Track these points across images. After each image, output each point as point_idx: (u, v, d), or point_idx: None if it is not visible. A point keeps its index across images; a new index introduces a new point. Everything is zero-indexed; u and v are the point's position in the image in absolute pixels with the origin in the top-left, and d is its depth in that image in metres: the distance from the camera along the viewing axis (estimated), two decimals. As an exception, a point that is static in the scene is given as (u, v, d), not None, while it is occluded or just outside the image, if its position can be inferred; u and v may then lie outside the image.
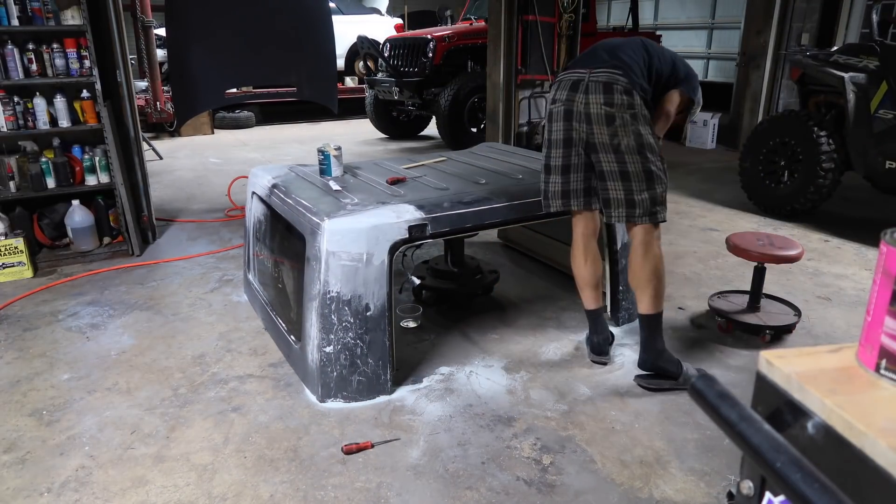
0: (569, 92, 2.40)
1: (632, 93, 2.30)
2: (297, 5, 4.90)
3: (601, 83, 2.32)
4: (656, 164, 2.35)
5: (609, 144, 2.33)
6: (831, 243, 4.22)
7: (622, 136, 2.31)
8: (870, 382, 0.71)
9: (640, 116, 2.31)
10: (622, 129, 2.30)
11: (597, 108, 2.32)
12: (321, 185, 2.78)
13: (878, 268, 0.71)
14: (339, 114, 6.37)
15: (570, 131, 2.42)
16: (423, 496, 1.93)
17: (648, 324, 2.48)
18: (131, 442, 2.19)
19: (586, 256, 2.59)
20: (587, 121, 2.35)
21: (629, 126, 2.29)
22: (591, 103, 2.33)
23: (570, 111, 2.40)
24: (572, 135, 2.42)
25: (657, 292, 2.44)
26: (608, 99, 2.30)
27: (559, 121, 2.44)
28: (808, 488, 0.54)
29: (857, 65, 4.22)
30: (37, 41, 3.66)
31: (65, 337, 2.95)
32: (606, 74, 2.32)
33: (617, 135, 2.31)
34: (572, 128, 2.41)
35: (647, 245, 2.41)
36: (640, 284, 2.44)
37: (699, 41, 11.57)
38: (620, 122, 2.30)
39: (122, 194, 3.90)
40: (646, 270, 2.42)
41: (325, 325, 2.33)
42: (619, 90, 2.29)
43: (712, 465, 2.06)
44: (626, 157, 2.32)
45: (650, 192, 2.35)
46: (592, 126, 2.35)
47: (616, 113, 2.30)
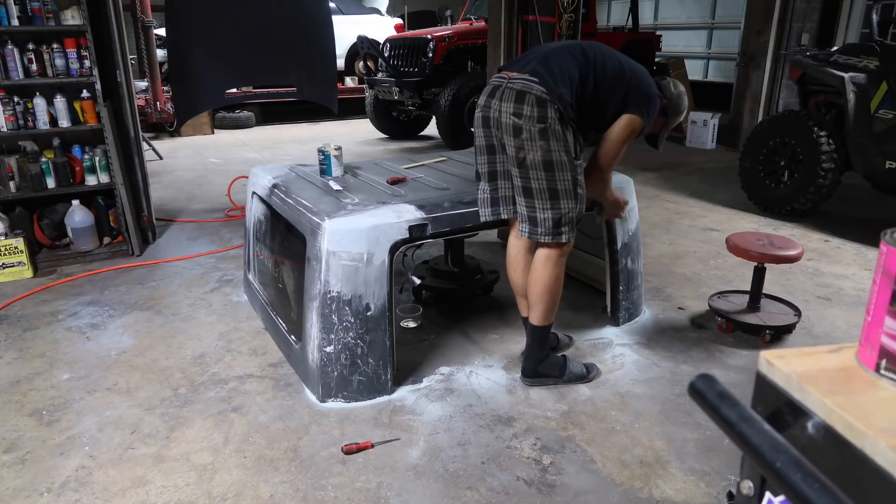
0: (487, 98, 2.29)
1: (545, 104, 2.13)
2: (297, 5, 4.90)
3: (515, 91, 2.18)
4: (565, 182, 2.21)
5: (515, 157, 2.22)
6: (831, 243, 4.22)
7: (528, 150, 2.18)
8: (870, 382, 0.71)
9: (553, 132, 2.15)
10: (529, 142, 2.16)
11: (506, 118, 2.20)
12: (321, 185, 2.78)
13: (878, 268, 0.71)
14: (339, 114, 6.37)
15: (490, 138, 2.32)
16: (423, 496, 1.93)
17: (535, 334, 2.45)
18: (131, 442, 2.19)
19: (517, 265, 2.49)
20: (499, 128, 2.25)
21: (536, 141, 2.15)
22: (502, 111, 2.21)
23: (486, 118, 2.29)
24: (493, 141, 2.32)
25: (549, 307, 2.39)
26: (517, 109, 2.16)
27: (479, 127, 2.35)
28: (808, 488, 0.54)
29: (857, 65, 4.22)
30: (37, 41, 3.66)
31: (65, 337, 2.95)
32: (522, 82, 2.18)
33: (523, 148, 2.18)
34: (491, 135, 2.31)
35: (547, 261, 2.34)
36: (532, 298, 2.39)
37: (699, 41, 11.58)
38: (527, 136, 2.16)
39: (122, 194, 3.90)
40: (540, 286, 2.35)
41: (326, 324, 2.33)
42: (530, 100, 2.14)
43: (712, 465, 2.06)
44: (531, 173, 2.21)
45: (553, 210, 2.24)
46: (503, 135, 2.24)
47: (523, 125, 2.16)
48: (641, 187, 5.43)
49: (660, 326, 3.03)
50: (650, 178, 6.10)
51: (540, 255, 2.36)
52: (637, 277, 3.06)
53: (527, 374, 2.52)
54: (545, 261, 2.35)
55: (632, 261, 3.00)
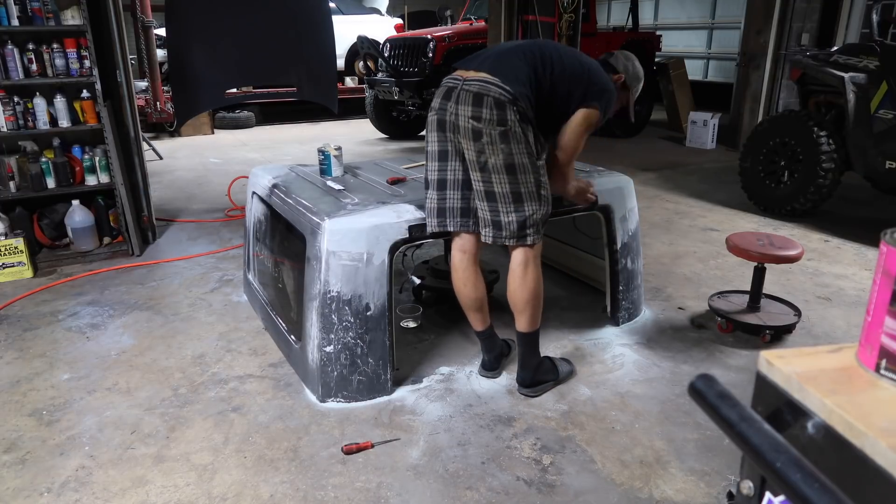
0: (442, 100, 2.21)
1: (504, 106, 2.08)
2: (297, 5, 4.90)
3: (472, 94, 2.11)
4: (528, 185, 2.17)
5: (476, 161, 2.16)
6: (831, 243, 4.22)
7: (489, 153, 2.12)
8: (870, 382, 0.71)
9: (513, 134, 2.10)
10: (489, 146, 2.11)
11: (464, 121, 2.12)
12: (321, 185, 2.79)
13: (878, 268, 0.71)
14: (339, 114, 6.37)
15: (444, 143, 2.24)
16: (423, 496, 1.93)
17: (525, 341, 2.40)
18: (131, 442, 2.19)
19: (466, 280, 2.41)
20: (456, 132, 2.17)
21: (497, 144, 2.10)
22: (459, 115, 2.13)
23: (442, 121, 2.21)
24: (447, 147, 2.24)
25: (535, 312, 2.35)
26: (476, 112, 2.09)
27: (433, 131, 2.26)
28: (808, 488, 0.54)
29: (857, 65, 4.22)
30: (37, 41, 3.66)
31: (65, 337, 2.95)
32: (479, 84, 2.11)
33: (484, 152, 2.12)
34: (447, 139, 2.23)
35: (525, 266, 2.28)
36: (518, 306, 2.33)
37: (699, 41, 11.58)
38: (488, 140, 2.10)
39: (122, 194, 3.90)
40: (524, 292, 2.30)
41: (326, 324, 2.33)
42: (489, 103, 2.08)
43: (712, 465, 2.06)
44: (493, 177, 2.15)
45: (518, 213, 2.19)
46: (461, 139, 2.17)
47: (483, 129, 2.09)
48: (641, 187, 5.43)
49: (660, 326, 3.03)
50: (650, 178, 6.10)
51: (517, 262, 2.30)
52: (637, 277, 3.06)
53: (525, 383, 2.44)
54: (523, 266, 2.29)
55: (632, 261, 3.00)
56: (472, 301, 2.44)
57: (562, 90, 2.24)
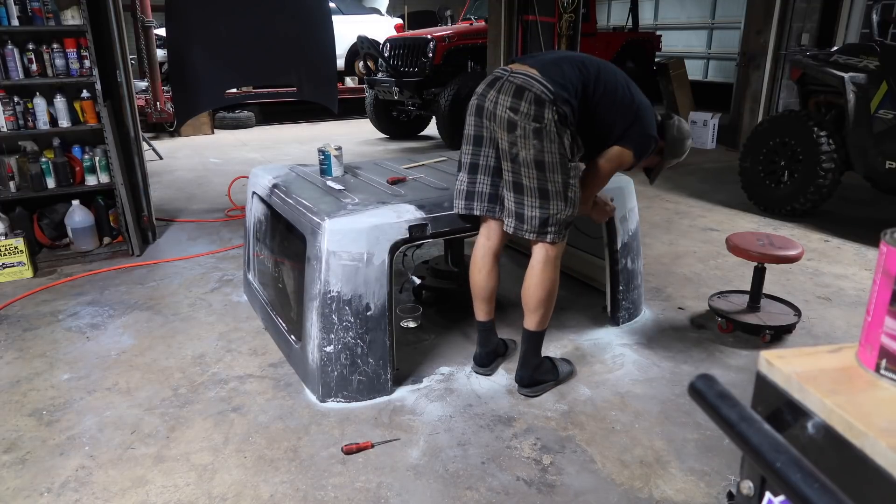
0: (485, 87, 2.26)
1: (543, 104, 2.10)
2: (297, 5, 4.90)
3: (515, 85, 2.15)
4: (556, 184, 2.18)
5: (508, 152, 2.19)
6: (831, 243, 4.22)
7: (521, 146, 2.15)
8: (870, 382, 0.71)
9: (547, 132, 2.11)
10: (522, 139, 2.14)
11: (502, 111, 2.16)
12: (322, 185, 2.78)
13: (878, 268, 0.71)
14: (339, 114, 6.37)
15: (480, 128, 2.29)
16: (423, 496, 1.93)
17: (531, 339, 2.40)
18: (131, 442, 2.19)
19: (482, 267, 2.45)
20: (493, 120, 2.21)
21: (530, 139, 2.12)
22: (498, 103, 2.17)
23: (481, 107, 2.26)
24: (483, 132, 2.28)
25: (546, 313, 2.36)
26: (514, 104, 2.13)
27: (471, 115, 2.31)
28: (808, 488, 0.54)
29: (857, 65, 4.22)
30: (37, 41, 3.66)
31: (65, 337, 2.95)
32: (523, 78, 2.14)
33: (516, 144, 2.16)
34: (483, 125, 2.27)
35: (545, 265, 2.30)
36: (531, 304, 2.34)
37: (699, 41, 11.59)
38: (521, 133, 2.13)
39: (122, 194, 3.90)
40: (539, 291, 2.31)
41: (326, 324, 2.33)
42: (529, 98, 2.11)
43: (712, 465, 2.06)
44: (522, 170, 2.18)
45: (542, 210, 2.21)
46: (496, 127, 2.21)
47: (518, 121, 2.12)
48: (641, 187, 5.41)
49: (660, 326, 3.03)
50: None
51: (537, 259, 2.31)
52: (637, 277, 3.06)
53: (524, 382, 2.44)
54: (544, 264, 2.30)
55: (632, 261, 3.00)
56: (483, 290, 2.47)
57: (606, 116, 2.26)
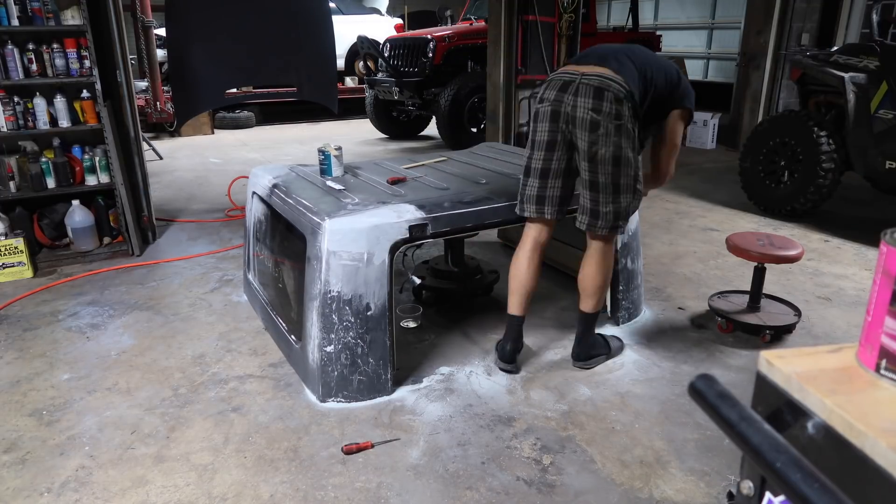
0: (557, 92, 2.33)
1: (622, 102, 2.23)
2: (297, 5, 4.90)
3: (592, 87, 2.24)
4: (628, 177, 2.32)
5: (587, 151, 2.28)
6: (831, 243, 4.22)
7: (601, 145, 2.25)
8: (870, 382, 0.71)
9: (625, 129, 2.25)
10: (604, 137, 2.24)
11: (583, 113, 2.25)
12: (322, 185, 2.78)
13: (878, 268, 0.71)
14: (339, 114, 6.37)
15: (555, 133, 2.36)
16: (423, 496, 1.93)
17: (587, 320, 2.60)
18: (131, 442, 2.19)
19: (529, 262, 2.53)
20: (572, 123, 2.30)
21: (611, 136, 2.23)
22: (578, 106, 2.26)
23: (556, 112, 2.33)
24: (557, 137, 2.36)
25: (602, 295, 2.56)
26: (597, 105, 2.23)
27: (545, 121, 2.37)
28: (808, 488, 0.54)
29: (857, 65, 4.22)
30: (37, 41, 3.66)
31: (65, 337, 2.95)
32: (599, 79, 2.25)
33: (596, 143, 2.25)
34: (558, 129, 2.35)
35: (605, 254, 2.46)
36: (590, 290, 2.51)
37: (699, 41, 11.58)
38: (604, 132, 2.23)
39: (122, 194, 3.90)
40: (599, 278, 2.49)
41: (326, 324, 2.33)
42: (609, 97, 2.22)
43: (712, 465, 2.06)
44: (599, 168, 2.29)
45: (615, 205, 2.34)
46: (576, 129, 2.29)
47: (602, 121, 2.23)
48: (641, 187, 5.42)
49: (660, 326, 3.03)
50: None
51: (596, 249, 2.47)
52: (637, 277, 3.06)
53: (581, 357, 2.64)
54: (602, 254, 2.47)
55: (632, 261, 3.00)
56: (527, 284, 2.56)
57: (661, 96, 2.41)
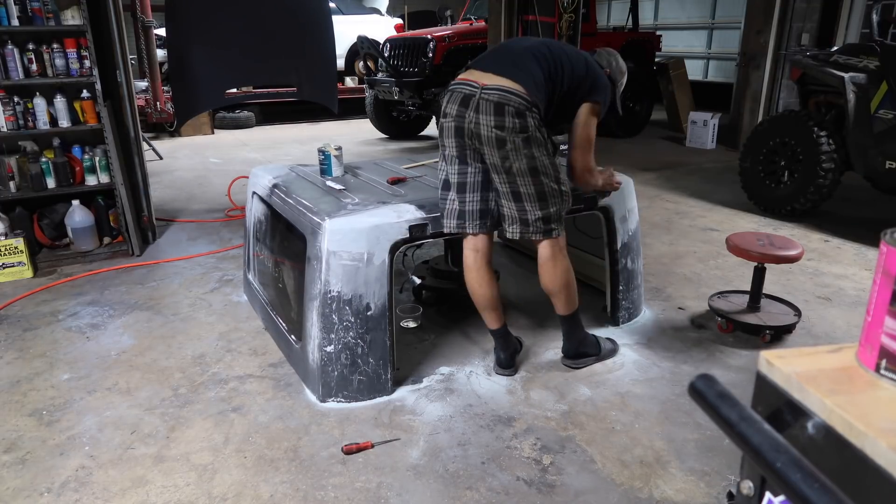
0: (459, 107, 2.26)
1: (524, 114, 2.18)
2: (297, 5, 4.90)
3: (492, 103, 2.17)
4: (550, 184, 2.30)
5: (501, 167, 2.25)
6: (831, 243, 4.22)
7: (513, 159, 2.22)
8: (870, 382, 0.71)
9: (534, 139, 2.22)
10: (513, 152, 2.21)
11: (487, 131, 2.20)
12: (322, 185, 2.79)
13: (878, 268, 0.71)
14: (339, 114, 6.37)
15: (463, 148, 2.31)
16: (423, 496, 1.93)
17: (567, 322, 2.59)
18: (131, 442, 2.19)
19: (480, 279, 2.49)
20: (478, 140, 2.25)
21: (521, 150, 2.21)
22: (480, 124, 2.20)
23: (460, 128, 2.27)
24: (466, 151, 2.32)
25: (570, 296, 2.52)
26: (499, 122, 2.17)
27: (450, 137, 2.32)
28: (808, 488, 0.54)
29: (857, 65, 4.22)
30: (37, 41, 3.66)
31: (65, 337, 2.95)
32: (498, 94, 2.17)
33: (508, 158, 2.22)
34: (465, 144, 2.30)
35: (554, 258, 2.44)
36: (553, 292, 2.50)
37: (699, 41, 11.57)
38: (511, 147, 2.20)
39: (122, 194, 3.90)
40: (557, 281, 2.47)
41: (326, 324, 2.33)
42: (510, 112, 2.16)
43: (712, 465, 2.06)
44: (518, 179, 2.26)
45: (543, 211, 2.33)
46: (483, 146, 2.25)
47: (507, 137, 2.19)
48: (641, 187, 5.43)
49: (660, 326, 3.03)
50: (650, 178, 6.10)
51: (545, 256, 2.44)
52: (637, 277, 3.06)
53: (569, 354, 2.64)
54: (552, 258, 2.44)
55: (632, 261, 3.00)
56: (487, 300, 2.52)
57: (570, 90, 2.36)
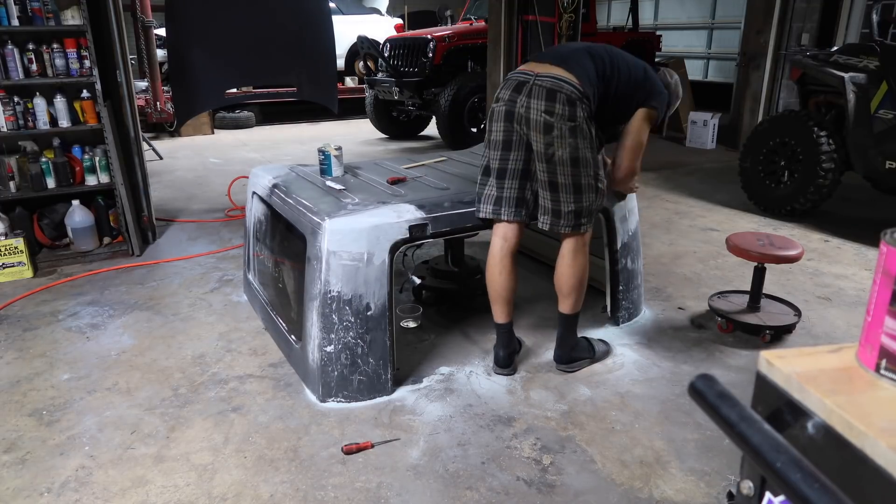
0: (511, 92, 2.31)
1: (575, 104, 2.21)
2: (297, 5, 4.90)
3: (545, 89, 2.22)
4: (588, 177, 2.31)
5: (543, 154, 2.28)
6: (831, 243, 4.22)
7: (557, 146, 2.24)
8: (870, 382, 0.71)
9: (580, 130, 2.24)
10: (559, 139, 2.23)
11: (536, 115, 2.24)
12: (322, 185, 2.78)
13: (878, 268, 0.71)
14: (339, 114, 6.37)
15: (510, 133, 2.34)
16: (423, 496, 1.93)
17: (566, 322, 2.55)
18: (131, 442, 2.19)
19: (502, 268, 2.49)
20: (526, 125, 2.28)
21: (566, 138, 2.23)
22: (531, 108, 2.25)
23: (511, 112, 2.31)
24: (512, 137, 2.34)
25: (579, 297, 2.50)
26: (549, 107, 2.21)
27: (499, 121, 2.36)
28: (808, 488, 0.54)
29: (857, 65, 4.22)
30: (37, 41, 3.66)
31: (65, 337, 2.95)
32: (551, 80, 2.22)
33: (552, 145, 2.24)
34: (513, 129, 2.33)
35: (576, 253, 2.43)
36: (565, 290, 2.48)
37: (699, 41, 11.57)
38: (558, 133, 2.22)
39: (122, 194, 3.90)
40: (573, 278, 2.45)
41: (326, 324, 2.33)
42: (561, 99, 2.20)
43: (712, 465, 2.06)
44: (558, 169, 2.28)
45: (577, 204, 2.33)
46: (531, 131, 2.28)
47: (555, 122, 2.22)
48: (642, 187, 5.41)
49: (660, 326, 3.03)
50: (650, 178, 6.10)
51: (567, 249, 2.44)
52: (637, 277, 3.06)
53: (562, 360, 2.60)
54: (574, 253, 2.44)
55: (631, 261, 3.00)
56: (504, 290, 2.52)
57: (625, 93, 2.40)
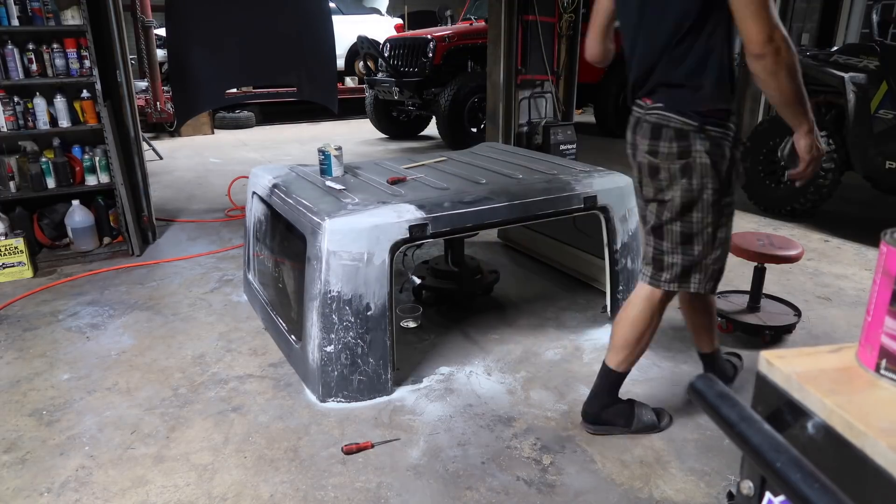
0: (630, 133, 1.97)
1: (687, 136, 1.78)
2: (297, 5, 4.90)
3: (650, 125, 1.85)
4: (704, 224, 1.87)
5: (654, 199, 1.93)
6: (831, 243, 4.22)
7: (667, 191, 1.87)
8: (870, 382, 0.71)
9: (698, 165, 1.79)
10: (667, 182, 1.85)
11: (641, 157, 1.91)
12: (322, 185, 2.78)
13: (878, 268, 0.71)
14: (339, 114, 6.37)
15: (636, 179, 2.02)
16: (423, 496, 1.93)
17: (607, 376, 2.14)
18: (131, 442, 2.19)
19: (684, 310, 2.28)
20: (637, 169, 1.96)
21: (677, 180, 1.83)
22: (638, 148, 1.91)
23: (632, 156, 1.98)
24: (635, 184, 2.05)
25: (632, 354, 2.08)
26: (653, 146, 1.85)
27: (632, 168, 2.03)
28: (808, 488, 0.54)
29: (857, 65, 4.22)
30: (37, 41, 3.66)
31: (65, 337, 2.95)
32: (657, 114, 1.83)
33: (662, 190, 1.88)
34: (633, 177, 2.04)
35: (648, 305, 2.02)
36: (618, 342, 2.07)
37: (699, 41, 11.55)
38: (666, 177, 1.85)
39: (122, 194, 3.90)
40: (632, 331, 2.04)
41: (326, 324, 2.33)
42: (668, 136, 1.80)
43: (712, 465, 2.06)
44: (665, 212, 1.91)
45: (685, 256, 1.92)
46: (641, 176, 1.95)
47: (661, 164, 1.84)
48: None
49: (660, 326, 3.02)
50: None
51: (643, 295, 2.03)
52: (637, 277, 3.06)
53: (588, 419, 2.21)
54: (646, 304, 2.02)
55: (631, 261, 3.00)
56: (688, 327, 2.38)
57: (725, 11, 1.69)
